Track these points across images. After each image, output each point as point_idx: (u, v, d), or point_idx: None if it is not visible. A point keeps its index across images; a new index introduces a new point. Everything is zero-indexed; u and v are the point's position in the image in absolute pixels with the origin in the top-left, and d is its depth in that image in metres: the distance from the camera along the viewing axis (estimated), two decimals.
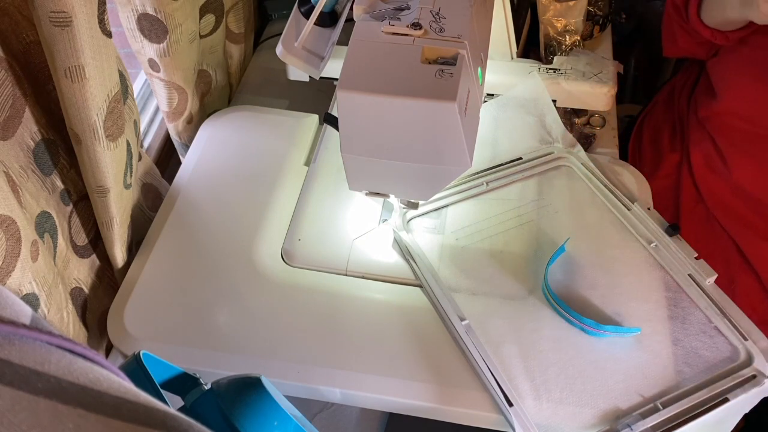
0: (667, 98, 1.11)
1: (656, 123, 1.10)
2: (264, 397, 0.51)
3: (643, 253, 0.77)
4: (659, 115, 1.10)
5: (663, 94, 1.13)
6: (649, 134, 1.09)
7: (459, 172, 0.61)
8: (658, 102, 1.13)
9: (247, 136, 0.91)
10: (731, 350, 0.69)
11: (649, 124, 1.11)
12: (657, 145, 1.06)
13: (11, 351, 0.27)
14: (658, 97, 1.14)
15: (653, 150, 1.06)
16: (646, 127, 1.11)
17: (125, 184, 0.74)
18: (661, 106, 1.11)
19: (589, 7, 0.97)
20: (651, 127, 1.10)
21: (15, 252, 0.56)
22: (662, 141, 1.05)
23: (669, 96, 1.11)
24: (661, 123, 1.08)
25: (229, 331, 0.71)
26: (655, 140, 1.07)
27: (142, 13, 0.79)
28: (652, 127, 1.10)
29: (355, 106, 0.56)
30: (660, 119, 1.09)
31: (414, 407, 0.67)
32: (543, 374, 0.67)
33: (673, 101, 1.08)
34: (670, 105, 1.08)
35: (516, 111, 0.89)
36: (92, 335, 0.74)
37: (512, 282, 0.74)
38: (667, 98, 1.11)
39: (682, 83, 1.09)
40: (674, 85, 1.11)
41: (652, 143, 1.07)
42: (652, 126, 1.10)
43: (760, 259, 0.91)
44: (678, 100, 1.07)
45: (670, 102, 1.09)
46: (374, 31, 0.58)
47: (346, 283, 0.75)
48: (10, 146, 0.60)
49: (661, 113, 1.10)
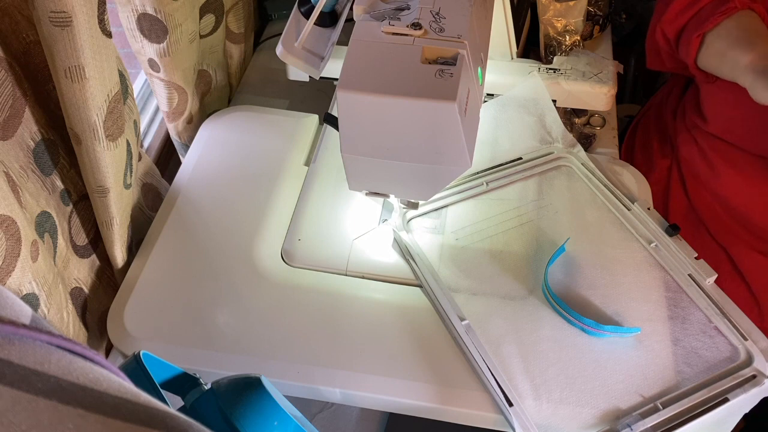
0: (659, 103, 1.10)
1: (647, 128, 1.09)
2: (264, 397, 0.51)
3: (643, 253, 0.77)
4: (651, 120, 1.10)
5: (656, 98, 1.13)
6: (641, 139, 1.09)
7: (459, 172, 0.61)
8: (652, 107, 1.13)
9: (247, 136, 0.91)
10: (731, 350, 0.69)
11: (641, 129, 1.11)
12: (648, 151, 1.06)
13: (11, 351, 0.27)
14: (652, 101, 1.14)
15: (644, 155, 1.06)
16: (639, 132, 1.11)
17: (125, 184, 0.74)
18: (653, 110, 1.11)
19: (589, 7, 0.97)
20: (643, 133, 1.10)
21: (15, 252, 0.56)
22: (652, 147, 1.05)
23: (661, 101, 1.10)
24: (652, 129, 1.08)
25: (229, 331, 0.71)
26: (646, 146, 1.07)
27: (142, 13, 0.79)
28: (644, 133, 1.09)
29: (355, 106, 0.56)
30: (651, 125, 1.09)
31: (414, 407, 0.67)
32: (543, 374, 0.67)
33: (663, 107, 1.08)
34: (661, 110, 1.08)
35: (516, 111, 0.89)
36: (92, 335, 0.74)
37: (512, 282, 0.74)
38: (659, 103, 1.11)
39: (669, 90, 1.08)
40: (664, 92, 1.11)
41: (644, 148, 1.07)
42: (643, 131, 1.10)
43: (748, 268, 0.90)
44: (666, 107, 1.06)
45: (662, 107, 1.09)
46: (374, 31, 0.58)
47: (346, 283, 0.75)
48: (10, 146, 0.60)
49: (652, 118, 1.10)
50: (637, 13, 1.61)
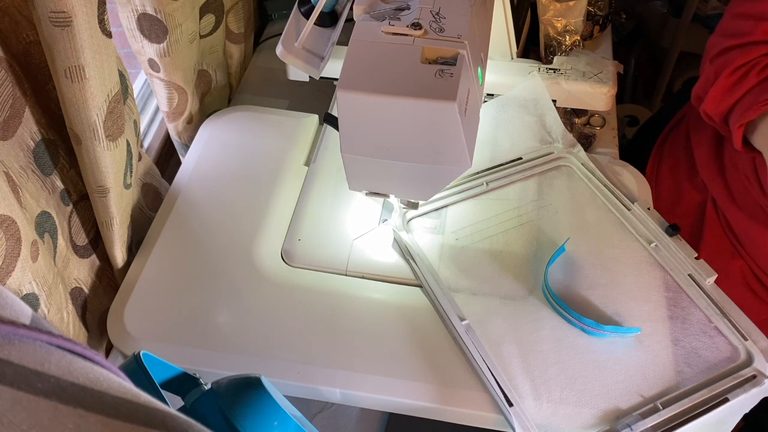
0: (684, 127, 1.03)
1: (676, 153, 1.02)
2: (264, 397, 0.51)
3: (643, 253, 0.77)
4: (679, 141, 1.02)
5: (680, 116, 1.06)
6: (669, 158, 1.03)
7: (459, 172, 0.61)
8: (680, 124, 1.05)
9: (247, 136, 0.91)
10: (731, 350, 0.69)
11: (669, 150, 1.04)
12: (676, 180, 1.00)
13: (11, 351, 0.27)
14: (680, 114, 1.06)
15: (672, 182, 1.01)
16: (666, 153, 1.04)
17: (125, 184, 0.74)
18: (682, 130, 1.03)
19: (589, 7, 0.97)
20: (670, 155, 1.03)
21: (15, 252, 0.56)
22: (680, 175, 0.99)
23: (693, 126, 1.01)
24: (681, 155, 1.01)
25: (229, 331, 0.71)
26: (674, 171, 1.01)
27: (142, 13, 0.79)
28: (671, 156, 1.03)
29: (355, 106, 0.56)
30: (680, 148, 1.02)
31: (414, 407, 0.67)
32: (543, 374, 0.67)
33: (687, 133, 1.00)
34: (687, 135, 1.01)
35: (516, 111, 0.89)
36: (92, 335, 0.74)
37: (512, 282, 0.74)
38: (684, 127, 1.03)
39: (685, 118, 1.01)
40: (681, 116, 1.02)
41: (671, 172, 1.01)
42: (672, 147, 1.03)
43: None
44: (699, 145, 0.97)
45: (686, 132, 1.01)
46: (374, 31, 0.58)
47: (346, 283, 0.75)
48: (10, 146, 0.60)
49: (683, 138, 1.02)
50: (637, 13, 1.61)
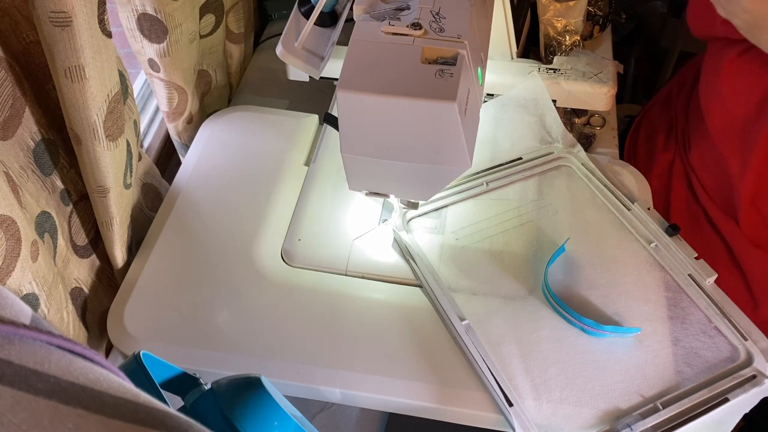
0: (665, 99, 1.10)
1: (652, 123, 1.10)
2: (264, 397, 0.51)
3: (643, 253, 0.77)
4: (656, 115, 1.10)
5: (661, 95, 1.13)
6: (645, 134, 1.09)
7: (459, 172, 0.61)
8: (656, 103, 1.13)
9: (247, 136, 0.91)
10: (731, 350, 0.69)
11: (645, 124, 1.11)
12: (651, 145, 1.06)
13: (11, 351, 0.27)
14: (656, 99, 1.14)
15: (647, 149, 1.07)
16: (643, 127, 1.11)
17: (125, 184, 0.74)
18: (658, 107, 1.11)
19: (589, 7, 0.97)
20: (647, 127, 1.10)
21: (15, 252, 0.56)
22: (657, 141, 1.05)
23: (666, 97, 1.10)
24: (657, 123, 1.08)
25: (229, 331, 0.71)
26: (650, 140, 1.07)
27: (142, 13, 0.79)
28: (648, 127, 1.10)
29: (355, 106, 0.57)
30: (656, 119, 1.09)
31: (414, 407, 0.67)
32: (543, 374, 0.67)
33: (671, 102, 1.08)
34: (668, 106, 1.08)
35: (516, 111, 0.89)
36: (92, 335, 0.74)
37: (512, 282, 0.74)
38: (664, 99, 1.11)
39: (679, 84, 1.08)
40: (672, 88, 1.11)
41: (647, 142, 1.08)
42: (648, 126, 1.10)
43: (748, 263, 0.90)
44: (677, 99, 1.06)
45: (668, 103, 1.09)
46: (374, 31, 0.58)
47: (346, 283, 0.75)
48: (10, 146, 0.60)
49: (657, 114, 1.10)
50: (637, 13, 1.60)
